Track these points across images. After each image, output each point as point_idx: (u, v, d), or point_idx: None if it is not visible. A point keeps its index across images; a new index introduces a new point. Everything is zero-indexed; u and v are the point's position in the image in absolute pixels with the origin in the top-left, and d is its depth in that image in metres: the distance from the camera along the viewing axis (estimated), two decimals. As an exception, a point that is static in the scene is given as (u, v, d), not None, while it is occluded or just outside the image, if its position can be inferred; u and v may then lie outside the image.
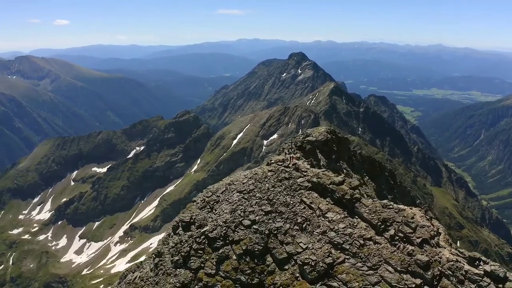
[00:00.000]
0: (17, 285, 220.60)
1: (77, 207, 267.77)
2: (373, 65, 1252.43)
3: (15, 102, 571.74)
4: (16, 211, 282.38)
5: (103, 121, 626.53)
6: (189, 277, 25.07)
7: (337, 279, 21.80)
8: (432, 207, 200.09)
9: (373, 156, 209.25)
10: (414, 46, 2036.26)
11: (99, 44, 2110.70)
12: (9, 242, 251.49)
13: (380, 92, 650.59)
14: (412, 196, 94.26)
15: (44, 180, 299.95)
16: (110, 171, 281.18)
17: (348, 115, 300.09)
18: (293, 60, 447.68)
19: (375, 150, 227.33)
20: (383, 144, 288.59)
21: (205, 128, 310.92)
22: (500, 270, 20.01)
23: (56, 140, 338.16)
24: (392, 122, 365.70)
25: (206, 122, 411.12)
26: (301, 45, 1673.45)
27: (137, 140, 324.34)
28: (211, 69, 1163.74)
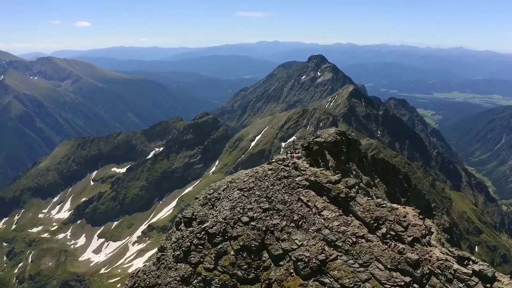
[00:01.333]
0: (36, 282, 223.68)
1: (96, 206, 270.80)
2: (394, 67, 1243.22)
3: (37, 103, 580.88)
4: (36, 210, 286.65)
5: (124, 122, 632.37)
6: (188, 271, 25.77)
7: (329, 276, 22.22)
8: (451, 211, 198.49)
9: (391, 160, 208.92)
10: (435, 49, 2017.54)
11: (121, 46, 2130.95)
12: (29, 240, 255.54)
13: (401, 95, 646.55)
14: (427, 200, 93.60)
15: (64, 180, 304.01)
16: (129, 172, 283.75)
17: (367, 118, 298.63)
18: (313, 62, 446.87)
19: (393, 153, 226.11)
20: (402, 147, 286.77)
21: (224, 129, 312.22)
22: (488, 270, 20.21)
23: (77, 140, 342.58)
24: (412, 126, 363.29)
25: (225, 124, 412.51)
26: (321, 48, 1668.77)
27: (157, 141, 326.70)
28: (231, 71, 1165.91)
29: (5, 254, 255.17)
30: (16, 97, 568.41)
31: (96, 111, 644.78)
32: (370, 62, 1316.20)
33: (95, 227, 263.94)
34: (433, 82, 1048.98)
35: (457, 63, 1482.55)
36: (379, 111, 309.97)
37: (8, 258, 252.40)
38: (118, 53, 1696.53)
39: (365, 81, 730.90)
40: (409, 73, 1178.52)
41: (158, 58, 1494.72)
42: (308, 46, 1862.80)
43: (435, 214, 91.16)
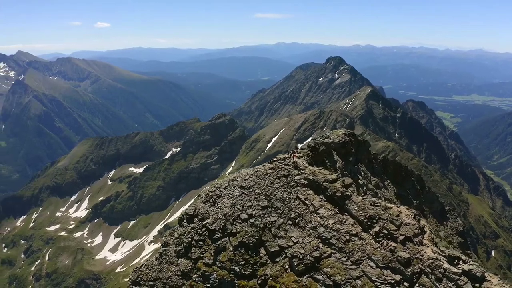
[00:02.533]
0: (52, 280, 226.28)
1: (113, 206, 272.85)
2: (412, 70, 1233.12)
3: (56, 103, 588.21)
4: (54, 208, 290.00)
5: (142, 122, 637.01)
6: (189, 266, 26.34)
7: (322, 272, 22.57)
8: (467, 215, 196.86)
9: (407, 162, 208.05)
10: (454, 51, 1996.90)
11: (139, 47, 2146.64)
12: (46, 238, 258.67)
13: (420, 97, 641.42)
14: (441, 203, 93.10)
15: (82, 179, 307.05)
16: (147, 172, 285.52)
17: (384, 120, 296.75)
18: (331, 64, 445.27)
19: (410, 156, 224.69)
20: (419, 150, 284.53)
21: (241, 130, 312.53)
22: (477, 270, 20.38)
23: (95, 140, 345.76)
24: (430, 128, 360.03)
25: (243, 125, 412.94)
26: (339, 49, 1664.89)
27: (174, 142, 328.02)
28: (249, 73, 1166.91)
29: (22, 252, 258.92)
30: (36, 97, 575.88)
31: (115, 112, 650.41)
32: (388, 64, 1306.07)
33: (112, 226, 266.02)
34: (452, 84, 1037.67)
35: (477, 65, 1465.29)
36: (396, 114, 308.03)
37: (25, 255, 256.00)
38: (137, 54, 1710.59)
39: (383, 83, 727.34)
40: (428, 75, 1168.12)
41: (176, 59, 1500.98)
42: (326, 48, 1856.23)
43: (449, 217, 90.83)
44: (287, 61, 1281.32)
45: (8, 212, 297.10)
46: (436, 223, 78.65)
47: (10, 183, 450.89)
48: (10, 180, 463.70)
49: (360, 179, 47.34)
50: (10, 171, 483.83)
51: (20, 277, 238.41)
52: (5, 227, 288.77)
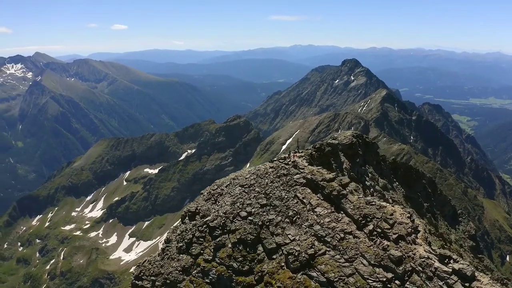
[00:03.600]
0: (67, 279, 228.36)
1: (128, 206, 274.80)
2: (429, 72, 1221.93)
3: (73, 104, 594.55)
4: (70, 208, 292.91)
5: (158, 123, 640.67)
6: (189, 262, 26.95)
7: (316, 270, 22.97)
8: (482, 219, 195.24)
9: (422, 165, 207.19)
10: (472, 54, 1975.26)
11: (156, 49, 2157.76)
12: (61, 238, 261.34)
13: (437, 100, 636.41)
14: (453, 206, 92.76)
15: (98, 179, 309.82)
16: (162, 173, 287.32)
17: (400, 123, 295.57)
18: (346, 66, 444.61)
19: (425, 159, 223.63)
20: (435, 153, 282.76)
21: (255, 132, 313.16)
22: (468, 269, 20.59)
23: (111, 141, 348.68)
24: (446, 131, 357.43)
25: (258, 127, 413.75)
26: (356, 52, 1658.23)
27: (189, 143, 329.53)
28: (265, 75, 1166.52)
29: (38, 251, 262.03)
30: (53, 98, 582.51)
31: (131, 113, 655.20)
32: (405, 67, 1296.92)
33: (126, 226, 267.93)
34: (469, 87, 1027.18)
35: (494, 68, 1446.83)
36: (412, 116, 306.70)
37: (40, 254, 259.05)
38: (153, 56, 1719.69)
39: (399, 86, 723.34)
40: (445, 78, 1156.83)
41: (192, 61, 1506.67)
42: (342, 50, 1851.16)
43: (461, 220, 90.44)
44: (303, 64, 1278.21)
45: (24, 211, 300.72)
46: (447, 226, 78.51)
47: (27, 182, 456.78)
48: (27, 179, 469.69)
49: (367, 181, 47.59)
50: (27, 171, 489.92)
51: (35, 276, 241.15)
52: (21, 226, 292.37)
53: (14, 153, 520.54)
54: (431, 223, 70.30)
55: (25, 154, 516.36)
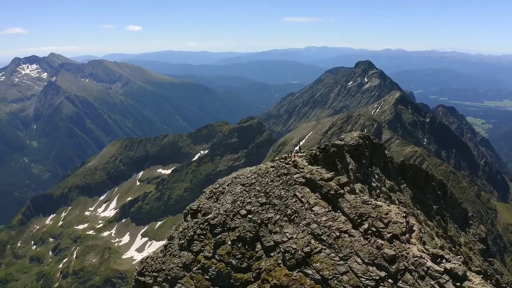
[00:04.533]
0: (79, 278, 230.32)
1: (141, 206, 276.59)
2: (444, 74, 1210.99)
3: (87, 104, 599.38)
4: (83, 208, 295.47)
5: (171, 124, 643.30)
6: (190, 259, 27.49)
7: (312, 267, 23.33)
8: (495, 223, 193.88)
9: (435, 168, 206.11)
10: (487, 56, 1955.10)
11: (170, 50, 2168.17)
12: (74, 237, 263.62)
13: (451, 102, 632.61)
14: (464, 209, 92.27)
15: (111, 179, 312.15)
16: (174, 173, 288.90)
17: (413, 125, 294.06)
18: (360, 68, 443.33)
19: (438, 162, 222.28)
20: (448, 156, 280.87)
21: (268, 134, 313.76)
22: (459, 269, 20.76)
23: (124, 141, 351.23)
24: (460, 134, 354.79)
25: (271, 129, 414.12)
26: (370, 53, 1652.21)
27: (202, 144, 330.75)
28: (279, 76, 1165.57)
29: (51, 249, 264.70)
30: (68, 98, 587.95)
31: (145, 114, 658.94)
32: (419, 69, 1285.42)
33: (139, 226, 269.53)
34: (484, 90, 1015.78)
35: (510, 71, 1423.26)
36: (426, 119, 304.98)
37: (53, 253, 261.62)
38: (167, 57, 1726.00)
39: (414, 88, 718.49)
40: (459, 80, 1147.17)
41: (206, 62, 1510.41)
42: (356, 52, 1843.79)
43: (472, 223, 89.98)
44: (317, 65, 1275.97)
45: (38, 210, 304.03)
46: (456, 229, 78.19)
47: (41, 182, 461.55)
48: (41, 179, 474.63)
49: (373, 182, 47.70)
50: (41, 170, 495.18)
51: (48, 274, 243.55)
52: (34, 225, 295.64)
53: (29, 153, 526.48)
54: (440, 225, 70.17)
55: (40, 154, 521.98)
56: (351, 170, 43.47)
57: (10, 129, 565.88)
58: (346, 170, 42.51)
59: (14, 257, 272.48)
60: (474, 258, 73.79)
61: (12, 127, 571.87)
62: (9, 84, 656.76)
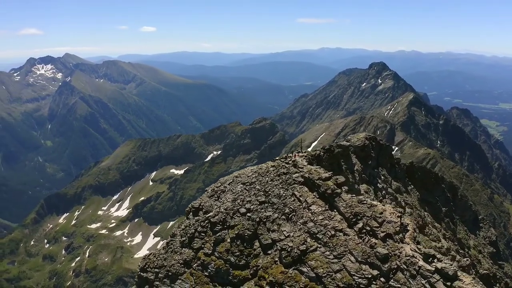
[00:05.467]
0: (91, 276, 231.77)
1: (153, 206, 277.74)
2: (458, 76, 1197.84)
3: (102, 104, 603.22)
4: (96, 207, 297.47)
5: (185, 125, 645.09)
6: (190, 256, 28.05)
7: (307, 265, 23.73)
8: (508, 226, 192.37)
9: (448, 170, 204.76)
10: (502, 58, 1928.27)
11: (184, 51, 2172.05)
12: (87, 236, 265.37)
13: (465, 105, 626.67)
14: (474, 212, 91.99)
15: (124, 179, 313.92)
16: (187, 173, 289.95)
17: (426, 127, 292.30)
18: (373, 69, 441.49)
19: (451, 164, 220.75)
20: (462, 158, 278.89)
21: (281, 135, 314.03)
22: (450, 268, 20.99)
23: (138, 141, 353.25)
24: (474, 137, 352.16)
25: (284, 130, 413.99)
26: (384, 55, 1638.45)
27: (215, 145, 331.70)
28: (292, 78, 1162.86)
29: (63, 248, 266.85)
30: (82, 98, 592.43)
31: (158, 114, 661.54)
32: (434, 70, 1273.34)
33: (151, 226, 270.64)
34: (499, 92, 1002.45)
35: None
36: (439, 121, 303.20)
37: (66, 251, 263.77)
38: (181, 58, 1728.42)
39: (428, 90, 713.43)
40: (474, 82, 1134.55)
41: (220, 64, 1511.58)
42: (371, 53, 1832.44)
43: (482, 226, 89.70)
44: (331, 66, 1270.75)
45: (51, 209, 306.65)
46: (466, 231, 77.93)
47: (55, 181, 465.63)
48: (55, 178, 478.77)
49: (379, 183, 47.88)
50: (55, 169, 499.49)
51: (60, 273, 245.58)
52: (48, 223, 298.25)
53: (43, 152, 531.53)
54: (449, 227, 70.03)
55: (54, 153, 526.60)
56: (357, 171, 43.76)
57: (25, 129, 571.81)
58: (351, 170, 42.78)
59: (27, 255, 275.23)
60: (483, 261, 73.52)
61: (27, 127, 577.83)
62: (24, 84, 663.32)
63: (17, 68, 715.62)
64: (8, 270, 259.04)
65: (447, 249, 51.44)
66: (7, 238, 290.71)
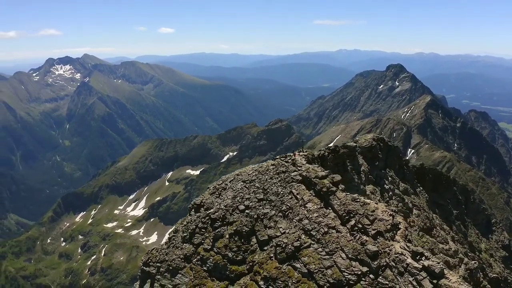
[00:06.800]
0: (107, 275, 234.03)
1: (169, 206, 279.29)
2: (477, 79, 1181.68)
3: (120, 105, 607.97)
4: (112, 206, 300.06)
5: (202, 126, 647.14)
6: (191, 251, 28.79)
7: (300, 261, 24.29)
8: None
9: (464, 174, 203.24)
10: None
11: (202, 52, 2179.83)
12: (103, 235, 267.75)
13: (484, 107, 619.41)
14: (487, 215, 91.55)
15: (141, 179, 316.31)
16: (203, 174, 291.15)
17: (443, 130, 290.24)
18: (391, 71, 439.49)
19: (467, 168, 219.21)
20: (479, 161, 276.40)
21: (297, 136, 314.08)
22: (437, 266, 21.37)
23: (154, 141, 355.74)
24: (492, 140, 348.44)
25: (300, 132, 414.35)
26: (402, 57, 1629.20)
27: (231, 146, 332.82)
28: (309, 79, 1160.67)
29: (80, 246, 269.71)
30: (100, 99, 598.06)
31: (176, 115, 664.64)
32: (452, 73, 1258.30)
33: (167, 226, 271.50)
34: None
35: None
36: (456, 123, 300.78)
37: (82, 250, 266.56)
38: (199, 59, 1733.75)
39: (446, 92, 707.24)
40: (493, 85, 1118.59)
41: (237, 65, 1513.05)
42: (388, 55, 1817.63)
43: (495, 230, 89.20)
44: (348, 68, 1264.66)
45: (68, 208, 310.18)
46: (477, 235, 77.60)
47: (73, 180, 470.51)
48: (73, 177, 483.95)
49: (386, 184, 48.11)
50: (73, 169, 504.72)
51: (76, 271, 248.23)
52: (64, 222, 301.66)
53: (61, 152, 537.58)
54: (460, 230, 69.82)
55: (72, 153, 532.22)
56: (363, 172, 44.09)
57: (44, 128, 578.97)
58: (357, 171, 43.14)
59: (43, 253, 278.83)
60: (494, 264, 73.17)
61: (45, 126, 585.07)
62: (43, 84, 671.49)
63: (36, 68, 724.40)
64: (25, 268, 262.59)
65: (455, 252, 51.41)
66: (24, 236, 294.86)
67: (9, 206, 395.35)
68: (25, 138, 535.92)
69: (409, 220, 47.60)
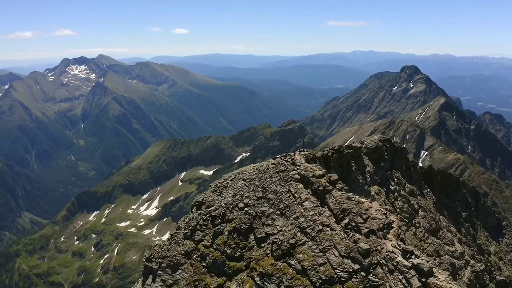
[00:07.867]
0: (119, 274, 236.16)
1: (182, 206, 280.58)
2: (492, 81, 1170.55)
3: (134, 105, 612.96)
4: (126, 206, 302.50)
5: (216, 126, 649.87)
6: (191, 247, 29.51)
7: (294, 258, 24.80)
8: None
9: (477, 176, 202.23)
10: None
11: (217, 53, 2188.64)
12: (116, 234, 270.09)
13: (499, 110, 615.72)
14: (498, 218, 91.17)
15: (154, 179, 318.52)
16: (216, 175, 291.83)
17: (457, 132, 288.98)
18: (405, 73, 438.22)
19: (481, 170, 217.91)
20: (493, 164, 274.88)
21: (310, 138, 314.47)
22: (425, 265, 21.73)
23: (168, 142, 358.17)
24: (507, 142, 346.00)
25: (314, 133, 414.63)
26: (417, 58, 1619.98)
27: (244, 146, 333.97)
28: (324, 81, 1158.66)
29: (93, 245, 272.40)
30: (115, 99, 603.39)
31: (190, 115, 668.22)
32: (467, 75, 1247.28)
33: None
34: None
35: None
36: (471, 126, 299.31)
37: (95, 249, 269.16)
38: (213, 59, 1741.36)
39: (461, 94, 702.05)
40: (508, 86, 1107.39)
41: (252, 66, 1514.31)
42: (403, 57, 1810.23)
43: (505, 232, 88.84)
44: (363, 70, 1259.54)
45: (82, 207, 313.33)
46: (487, 237, 77.36)
47: (87, 179, 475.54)
48: (87, 177, 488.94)
49: (392, 185, 48.34)
50: (87, 168, 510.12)
51: (89, 269, 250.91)
52: (78, 221, 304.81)
53: (76, 151, 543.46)
54: (469, 233, 69.75)
55: (86, 152, 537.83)
56: (368, 172, 44.38)
57: (59, 128, 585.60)
58: (362, 172, 43.45)
59: (57, 252, 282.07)
60: (503, 267, 73.01)
61: (60, 126, 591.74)
62: (58, 84, 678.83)
63: (51, 68, 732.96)
64: (38, 265, 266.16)
65: (461, 253, 51.54)
66: (38, 234, 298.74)
67: (23, 204, 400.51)
68: (40, 138, 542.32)
69: (415, 221, 48.11)
